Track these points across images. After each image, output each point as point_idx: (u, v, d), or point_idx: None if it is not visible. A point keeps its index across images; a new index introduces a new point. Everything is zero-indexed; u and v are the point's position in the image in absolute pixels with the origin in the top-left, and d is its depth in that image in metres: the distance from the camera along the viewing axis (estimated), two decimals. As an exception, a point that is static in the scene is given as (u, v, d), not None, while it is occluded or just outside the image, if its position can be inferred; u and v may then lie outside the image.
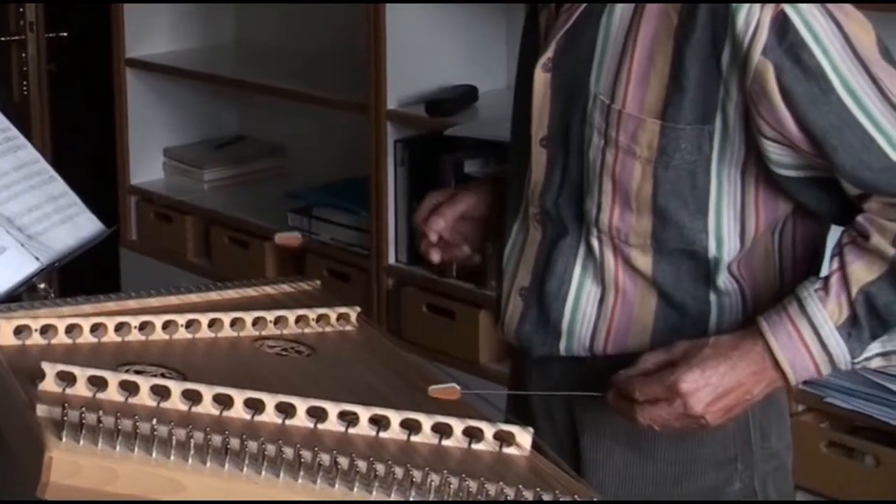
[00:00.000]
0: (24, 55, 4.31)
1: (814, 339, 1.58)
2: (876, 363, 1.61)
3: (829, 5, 1.58)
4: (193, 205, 3.80)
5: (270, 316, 1.82)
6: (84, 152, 4.24)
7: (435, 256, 1.88)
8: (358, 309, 1.88)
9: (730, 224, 1.67)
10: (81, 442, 1.36)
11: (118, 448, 1.37)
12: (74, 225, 2.25)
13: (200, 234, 3.79)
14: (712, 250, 1.67)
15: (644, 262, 1.69)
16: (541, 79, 1.73)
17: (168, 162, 4.01)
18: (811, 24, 1.56)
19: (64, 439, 1.36)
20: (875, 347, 1.60)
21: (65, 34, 4.33)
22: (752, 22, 1.57)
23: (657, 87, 1.63)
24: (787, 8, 1.56)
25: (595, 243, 1.71)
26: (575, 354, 1.74)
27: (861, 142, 1.57)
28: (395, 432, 1.55)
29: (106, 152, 4.04)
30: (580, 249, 1.72)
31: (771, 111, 1.58)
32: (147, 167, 3.97)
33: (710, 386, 1.58)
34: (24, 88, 4.32)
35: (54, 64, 4.36)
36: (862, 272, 1.58)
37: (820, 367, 1.60)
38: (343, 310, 1.87)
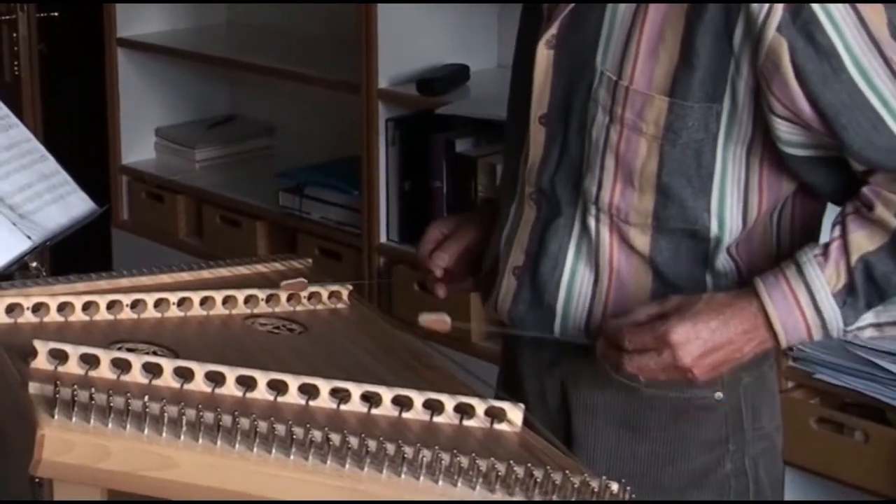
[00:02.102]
0: (14, 35, 4.30)
1: (809, 303, 1.58)
2: (868, 333, 1.61)
3: None
4: (185, 184, 3.80)
5: (262, 294, 1.83)
6: (75, 132, 4.23)
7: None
8: (349, 287, 1.89)
9: (733, 204, 1.67)
10: (73, 419, 1.37)
11: (110, 425, 1.37)
12: (66, 204, 2.25)
13: (192, 213, 3.80)
14: (714, 230, 1.67)
15: (642, 241, 1.69)
16: (543, 56, 1.72)
17: (159, 141, 4.00)
18: (826, 3, 1.57)
19: (56, 417, 1.36)
20: (869, 317, 1.60)
21: (56, 14, 4.32)
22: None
23: (666, 64, 1.63)
24: None
25: (592, 223, 1.70)
26: (571, 336, 1.73)
27: (870, 121, 1.57)
28: (386, 409, 1.55)
29: (97, 132, 4.03)
30: (574, 229, 1.71)
31: (783, 88, 1.58)
32: (138, 147, 3.97)
33: (701, 339, 1.58)
34: (16, 68, 4.31)
35: (45, 44, 4.35)
36: (863, 241, 1.59)
37: (812, 331, 1.60)
38: (334, 287, 1.87)
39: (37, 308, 1.68)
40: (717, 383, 1.71)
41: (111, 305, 1.72)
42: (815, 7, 1.56)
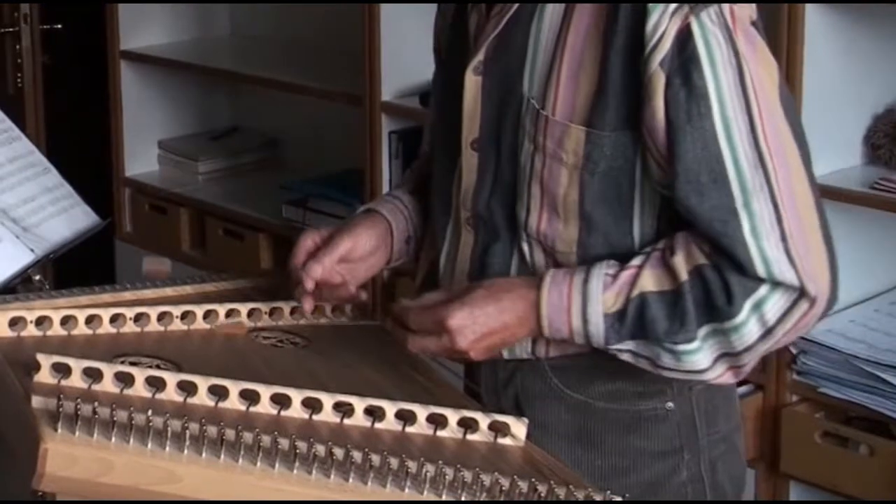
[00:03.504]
0: (18, 47, 4.30)
1: (580, 313, 1.62)
2: (625, 357, 1.64)
3: (739, 33, 1.58)
4: (188, 196, 3.80)
5: (265, 307, 1.83)
6: (78, 144, 4.23)
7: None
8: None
9: (652, 228, 1.67)
10: (77, 433, 1.36)
11: (113, 439, 1.37)
12: (69, 217, 2.25)
13: (195, 225, 3.80)
14: (636, 251, 1.66)
15: (571, 266, 1.68)
16: (472, 82, 1.72)
17: (162, 154, 4.01)
18: (711, 45, 1.56)
19: (59, 431, 1.36)
20: (630, 345, 1.62)
21: (59, 26, 4.33)
22: (660, 30, 1.56)
23: (585, 92, 1.63)
24: (694, 24, 1.56)
25: (526, 248, 1.71)
26: (517, 358, 1.74)
27: (713, 175, 1.57)
28: (390, 423, 1.55)
29: (100, 144, 4.04)
30: (514, 254, 1.72)
31: (652, 120, 1.59)
32: (141, 159, 3.97)
33: (477, 325, 1.63)
34: (19, 81, 4.31)
35: (49, 56, 4.35)
36: (651, 281, 1.61)
37: (574, 337, 1.64)
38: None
39: (40, 321, 1.68)
40: (667, 394, 1.72)
41: (114, 319, 1.72)
42: (700, 47, 1.56)
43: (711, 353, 1.60)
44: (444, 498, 1.40)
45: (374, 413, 1.55)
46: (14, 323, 1.66)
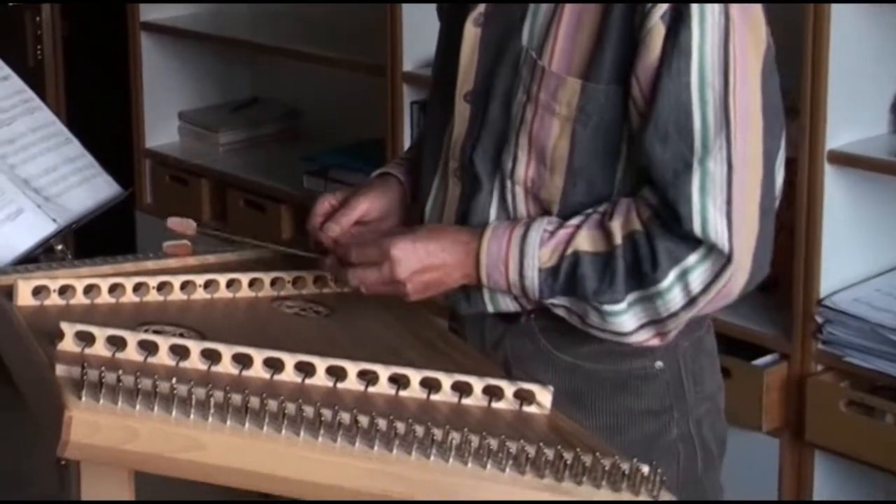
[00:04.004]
0: (38, 19, 4.29)
1: (516, 266, 1.67)
2: (559, 311, 1.69)
3: (734, 5, 1.62)
4: (208, 168, 3.79)
5: (289, 276, 1.82)
6: (98, 116, 4.23)
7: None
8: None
9: (631, 181, 1.69)
10: (101, 401, 1.36)
11: (138, 407, 1.36)
12: (91, 187, 2.25)
13: (216, 197, 3.79)
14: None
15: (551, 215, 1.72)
16: (471, 33, 1.75)
17: (183, 125, 4.00)
18: (704, 7, 1.61)
19: (83, 399, 1.36)
20: (563, 301, 1.67)
21: (79, -2, 4.32)
22: None
23: (583, 46, 1.66)
24: None
25: (509, 197, 1.73)
26: (503, 310, 1.75)
27: (678, 126, 1.61)
28: (414, 391, 1.54)
29: (120, 116, 4.03)
30: (493, 203, 1.74)
31: (645, 70, 1.62)
32: (162, 130, 3.96)
33: (418, 257, 1.68)
34: (39, 53, 4.31)
35: (69, 28, 4.34)
36: (586, 241, 1.65)
37: (511, 288, 1.69)
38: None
39: (63, 290, 1.67)
40: (655, 353, 1.74)
41: (137, 288, 1.71)
42: (694, 7, 1.61)
43: (637, 318, 1.65)
44: (469, 465, 1.40)
45: (399, 381, 1.54)
46: (37, 292, 1.66)
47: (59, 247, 2.07)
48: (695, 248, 1.62)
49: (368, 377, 1.53)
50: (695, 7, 1.60)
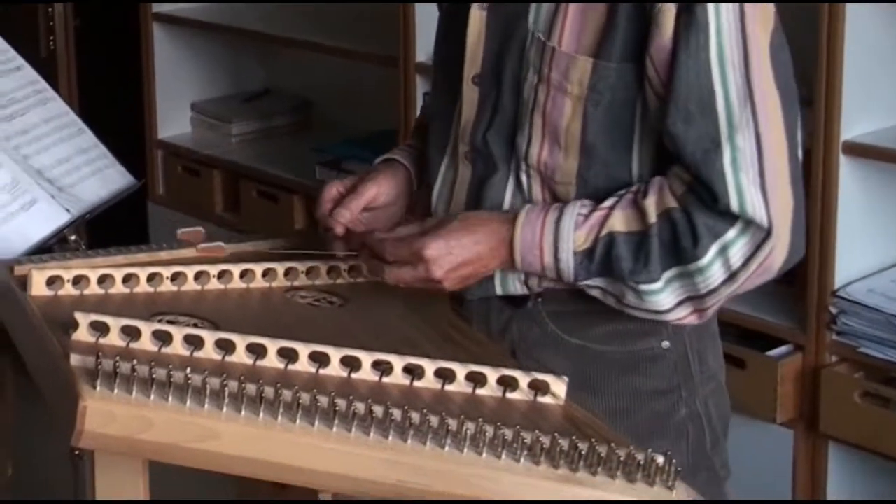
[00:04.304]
0: (50, 10, 4.30)
1: (551, 250, 1.67)
2: (595, 292, 1.69)
3: None
4: (221, 158, 3.79)
5: (302, 266, 1.82)
6: (110, 107, 4.23)
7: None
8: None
9: (651, 163, 1.70)
10: (115, 391, 1.36)
11: (152, 397, 1.36)
12: (104, 177, 2.25)
13: (229, 187, 3.79)
14: (634, 185, 1.70)
15: (569, 199, 1.71)
16: (476, 17, 1.75)
17: (195, 116, 4.00)
18: None
19: (98, 388, 1.35)
20: (599, 282, 1.67)
21: (91, -11, 4.32)
22: None
23: (593, 25, 1.66)
24: None
25: (524, 178, 1.74)
26: (511, 293, 1.76)
27: (701, 105, 1.61)
28: (429, 381, 1.54)
29: (133, 107, 4.03)
30: (509, 185, 1.75)
31: (658, 50, 1.62)
32: (174, 121, 3.96)
33: (452, 255, 1.68)
34: (51, 43, 4.31)
35: (81, 19, 4.34)
36: (620, 221, 1.65)
37: (546, 272, 1.69)
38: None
39: (77, 281, 1.67)
40: (662, 334, 1.75)
41: (151, 278, 1.71)
42: None
43: (675, 295, 1.65)
44: (484, 456, 1.39)
45: (413, 371, 1.54)
46: (51, 282, 1.66)
47: (73, 237, 2.07)
48: (733, 223, 1.62)
49: (383, 367, 1.53)
50: None
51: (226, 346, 1.50)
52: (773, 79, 1.64)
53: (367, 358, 1.53)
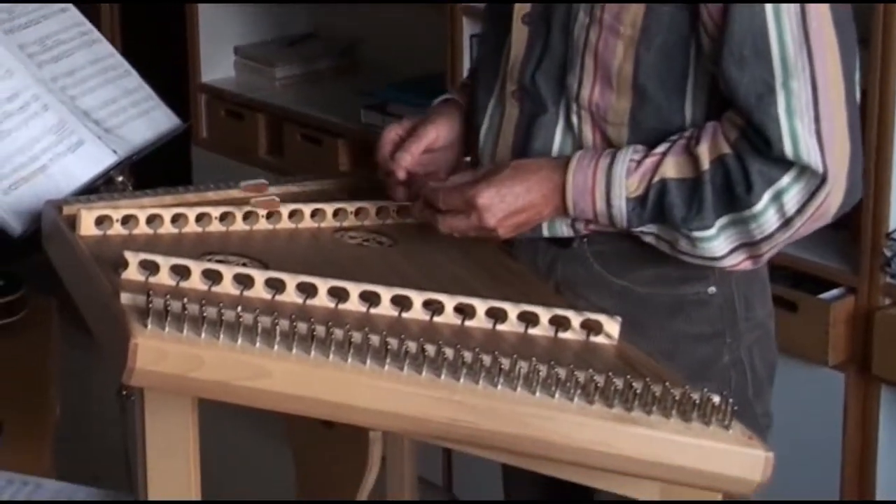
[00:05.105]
0: (93, -46, 4.28)
1: (603, 196, 1.66)
2: (648, 239, 1.69)
3: None
4: (265, 102, 3.77)
5: (351, 207, 1.80)
6: (154, 51, 4.21)
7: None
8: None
9: (704, 108, 1.68)
10: (166, 329, 1.35)
11: (203, 335, 1.36)
12: (150, 119, 2.24)
13: (272, 131, 3.77)
14: (687, 129, 1.68)
15: (620, 140, 1.71)
16: None
17: (239, 60, 3.98)
18: None
19: (149, 326, 1.35)
20: (652, 228, 1.67)
21: (134, -68, 4.30)
22: None
23: None
24: None
25: (574, 119, 1.72)
26: (558, 236, 1.75)
27: (755, 48, 1.59)
28: (480, 321, 1.53)
29: (176, 51, 4.01)
30: (559, 126, 1.74)
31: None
32: (218, 65, 3.94)
33: (505, 203, 1.67)
34: (95, -13, 4.29)
35: (124, -38, 4.33)
36: (673, 167, 1.64)
37: (599, 218, 1.68)
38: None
39: (126, 220, 1.66)
40: (709, 279, 1.74)
41: (200, 218, 1.70)
42: None
43: (729, 242, 1.64)
44: (537, 395, 1.38)
45: (465, 311, 1.53)
46: (100, 222, 1.65)
47: (120, 178, 2.06)
48: (787, 169, 1.60)
49: (434, 307, 1.52)
50: None
51: (276, 286, 1.49)
52: (830, 21, 1.61)
53: (417, 297, 1.52)
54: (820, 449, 2.52)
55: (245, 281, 1.49)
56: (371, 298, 1.50)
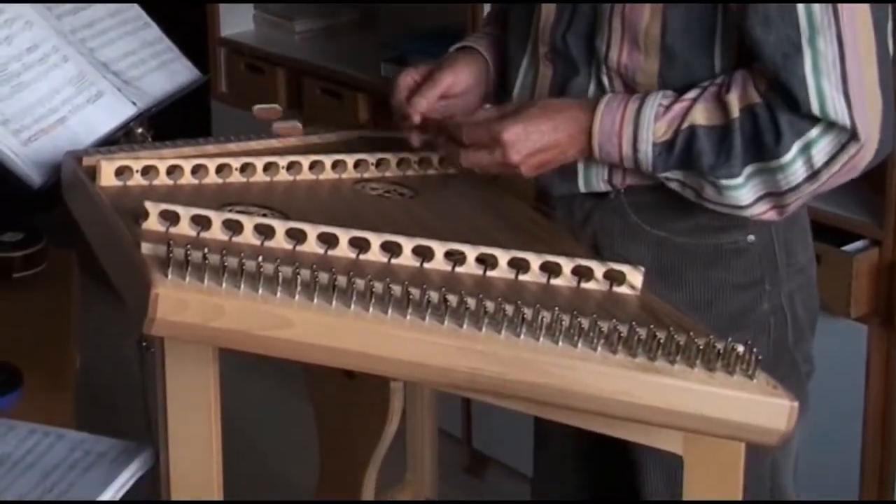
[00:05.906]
0: None
1: (630, 140, 1.65)
2: (673, 185, 1.67)
3: None
4: (284, 56, 3.76)
5: (372, 158, 1.79)
6: (174, 5, 4.19)
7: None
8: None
9: (732, 60, 1.67)
10: (187, 279, 1.34)
11: (224, 285, 1.35)
12: (170, 71, 2.23)
13: (292, 85, 3.76)
14: None
15: None
16: None
17: (258, 14, 3.96)
18: None
19: (170, 276, 1.34)
20: (678, 174, 1.66)
21: None
22: None
23: None
24: None
25: (605, 80, 1.72)
26: (595, 190, 1.75)
27: (781, 7, 1.58)
28: (502, 271, 1.52)
29: (195, 4, 4.00)
30: (591, 86, 1.73)
31: None
32: (237, 19, 3.93)
33: (531, 141, 1.66)
34: (113, -59, 4.27)
35: (142, -84, 4.30)
36: (702, 114, 1.63)
37: (624, 162, 1.67)
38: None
39: (146, 171, 1.66)
40: (748, 227, 1.73)
41: (220, 169, 1.70)
42: None
43: (755, 191, 1.63)
44: (560, 344, 1.37)
45: (487, 261, 1.52)
46: (120, 172, 1.65)
47: (139, 130, 2.05)
48: (815, 123, 1.59)
49: (455, 257, 1.51)
50: None
51: (297, 236, 1.48)
52: None
53: (439, 248, 1.51)
54: (842, 401, 2.51)
55: (266, 231, 1.48)
56: (392, 249, 1.50)
